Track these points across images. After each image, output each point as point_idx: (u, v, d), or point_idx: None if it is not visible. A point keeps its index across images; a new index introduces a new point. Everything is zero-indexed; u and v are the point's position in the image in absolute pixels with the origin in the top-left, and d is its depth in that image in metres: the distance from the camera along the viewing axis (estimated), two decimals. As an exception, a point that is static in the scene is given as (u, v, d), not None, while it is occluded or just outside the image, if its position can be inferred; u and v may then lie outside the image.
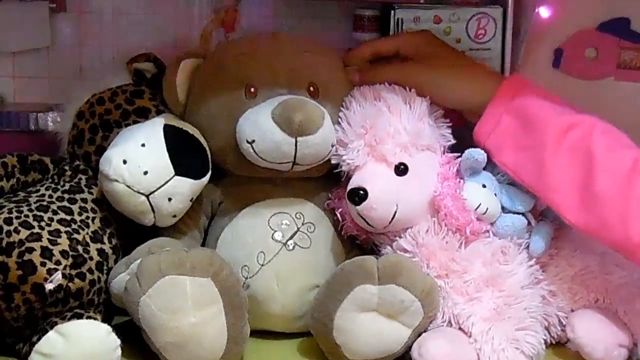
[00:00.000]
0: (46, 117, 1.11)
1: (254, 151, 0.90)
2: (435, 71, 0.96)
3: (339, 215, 0.95)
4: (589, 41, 1.18)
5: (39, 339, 0.82)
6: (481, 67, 0.99)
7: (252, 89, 0.93)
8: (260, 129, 0.89)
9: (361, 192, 0.89)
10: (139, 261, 0.85)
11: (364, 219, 0.90)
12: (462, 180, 0.92)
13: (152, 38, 1.20)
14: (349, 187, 0.90)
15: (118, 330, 0.86)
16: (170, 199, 0.90)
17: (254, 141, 0.90)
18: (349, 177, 0.93)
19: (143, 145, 0.89)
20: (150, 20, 1.21)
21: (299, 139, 0.89)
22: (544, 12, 1.14)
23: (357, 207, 0.89)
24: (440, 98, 0.96)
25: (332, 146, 0.93)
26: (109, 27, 1.20)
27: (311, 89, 0.95)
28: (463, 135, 0.97)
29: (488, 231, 0.92)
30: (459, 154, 0.93)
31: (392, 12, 1.09)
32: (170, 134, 0.91)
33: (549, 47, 1.18)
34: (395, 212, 0.90)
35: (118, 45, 1.20)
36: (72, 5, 1.19)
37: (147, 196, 0.89)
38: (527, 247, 0.94)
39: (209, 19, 1.21)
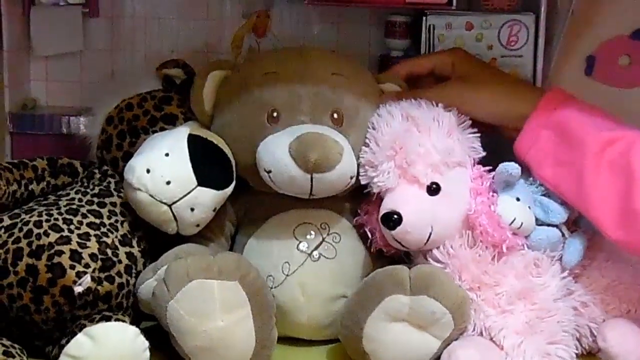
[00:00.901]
0: (78, 121, 1.12)
1: (271, 180, 0.90)
2: (475, 89, 0.96)
3: (367, 231, 0.94)
4: (622, 49, 1.17)
5: (67, 342, 0.82)
6: (520, 82, 0.99)
7: (275, 114, 0.92)
8: (277, 161, 0.89)
9: (395, 216, 0.88)
10: (166, 266, 0.84)
11: (399, 242, 0.90)
12: (495, 194, 0.91)
13: (184, 43, 1.22)
14: (382, 212, 0.89)
15: (146, 334, 0.86)
16: (192, 209, 0.90)
17: (271, 171, 0.89)
18: (381, 196, 0.91)
19: (167, 154, 0.89)
20: (181, 26, 1.22)
21: (314, 175, 0.88)
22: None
23: (392, 232, 0.88)
24: (483, 115, 0.95)
25: (352, 178, 0.91)
26: (141, 32, 1.22)
27: (335, 116, 0.93)
28: (490, 141, 0.96)
29: (523, 244, 0.91)
30: (491, 167, 0.92)
31: (424, 18, 1.09)
32: (195, 144, 0.91)
33: (582, 55, 1.17)
34: (431, 233, 0.89)
35: (150, 50, 1.21)
36: (104, 11, 1.21)
37: (170, 206, 0.89)
38: (560, 259, 0.92)
39: (241, 24, 1.21)
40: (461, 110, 0.94)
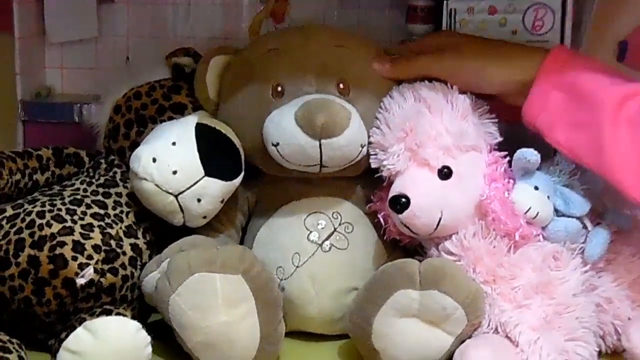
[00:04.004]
0: (90, 109, 1.11)
1: (280, 154, 0.88)
2: (472, 56, 0.91)
3: (381, 218, 0.91)
4: (656, 33, 1.12)
5: (67, 336, 0.81)
6: (517, 46, 0.93)
7: (279, 88, 0.90)
8: (284, 131, 0.86)
9: (403, 199, 0.84)
10: (169, 259, 0.83)
11: (407, 227, 0.86)
12: (511, 181, 0.87)
13: (200, 29, 1.20)
14: (390, 195, 0.86)
15: (155, 327, 0.85)
16: (199, 200, 0.88)
17: (278, 144, 0.87)
18: (391, 180, 0.88)
19: (174, 143, 0.87)
20: (198, 12, 1.20)
21: (322, 141, 0.85)
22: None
23: (400, 216, 0.85)
24: (482, 84, 0.90)
25: (362, 146, 0.88)
26: (156, 18, 1.20)
27: (341, 85, 0.90)
28: (512, 131, 0.92)
29: (539, 235, 0.87)
30: (507, 152, 0.89)
31: (445, 2, 1.05)
32: (202, 133, 0.89)
33: (613, 40, 1.12)
34: (440, 218, 0.86)
35: (165, 36, 1.19)
36: (119, -4, 1.19)
37: (176, 196, 0.87)
38: (582, 252, 0.88)
39: (259, 9, 1.19)
40: (459, 80, 0.90)
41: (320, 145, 0.85)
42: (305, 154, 0.86)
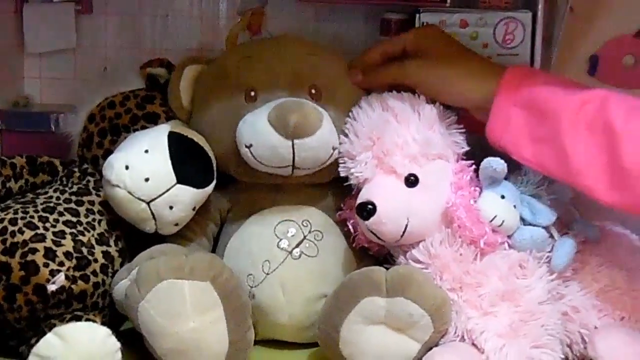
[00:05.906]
0: (66, 119, 1.11)
1: (253, 155, 0.89)
2: (434, 68, 0.92)
3: (350, 226, 0.93)
4: (627, 48, 1.14)
5: (37, 341, 0.81)
6: (481, 61, 0.94)
7: (252, 93, 0.92)
8: (257, 132, 0.88)
9: (369, 206, 0.86)
10: (138, 267, 0.83)
11: (374, 234, 0.88)
12: (478, 189, 0.89)
13: (178, 41, 1.21)
14: (357, 202, 0.88)
15: (127, 335, 0.85)
16: (171, 207, 0.88)
17: (251, 145, 0.88)
18: (359, 188, 0.90)
19: (146, 151, 0.88)
20: (176, 23, 1.21)
21: (295, 141, 0.87)
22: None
23: (366, 222, 0.86)
24: (442, 95, 0.92)
25: (334, 149, 0.90)
26: (134, 30, 1.21)
27: (313, 91, 0.92)
28: (479, 142, 0.93)
29: (504, 243, 0.88)
30: (473, 162, 0.90)
31: (417, 15, 1.06)
32: (175, 141, 0.90)
33: (584, 54, 1.14)
34: (407, 225, 0.87)
35: (143, 47, 1.20)
36: (97, 7, 1.20)
37: (148, 203, 0.88)
38: (549, 261, 0.89)
39: (235, 22, 1.20)
40: (422, 90, 0.92)
41: (293, 145, 0.87)
42: (278, 154, 0.87)
